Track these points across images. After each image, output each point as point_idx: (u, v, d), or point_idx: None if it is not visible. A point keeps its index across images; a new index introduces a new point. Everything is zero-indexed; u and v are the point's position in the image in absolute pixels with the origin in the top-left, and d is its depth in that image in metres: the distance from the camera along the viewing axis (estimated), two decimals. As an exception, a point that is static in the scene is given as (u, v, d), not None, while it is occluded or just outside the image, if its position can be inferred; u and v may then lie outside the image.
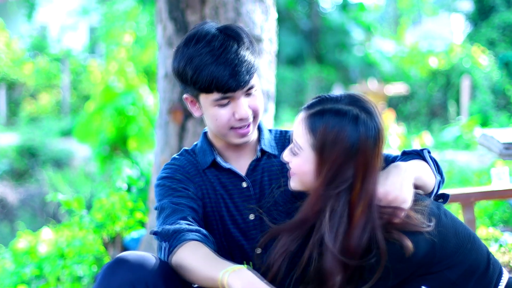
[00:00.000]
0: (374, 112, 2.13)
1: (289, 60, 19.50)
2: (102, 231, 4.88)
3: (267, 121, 4.15)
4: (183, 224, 2.24)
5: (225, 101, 2.29)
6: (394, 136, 9.10)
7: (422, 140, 9.69)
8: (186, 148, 2.54)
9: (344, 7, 21.20)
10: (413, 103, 17.04)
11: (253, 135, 2.40)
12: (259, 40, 4.05)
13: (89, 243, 4.88)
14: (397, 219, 2.09)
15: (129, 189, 5.18)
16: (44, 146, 13.85)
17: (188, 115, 4.12)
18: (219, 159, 2.42)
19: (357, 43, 20.50)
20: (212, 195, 2.42)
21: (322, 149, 2.10)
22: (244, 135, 2.35)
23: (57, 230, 5.66)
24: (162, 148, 4.27)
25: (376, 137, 2.10)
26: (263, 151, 2.46)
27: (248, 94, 2.33)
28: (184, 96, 2.39)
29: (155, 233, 2.26)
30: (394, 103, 16.13)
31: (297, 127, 2.18)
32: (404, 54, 19.47)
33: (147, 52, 15.82)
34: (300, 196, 2.37)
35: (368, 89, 13.93)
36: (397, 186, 2.12)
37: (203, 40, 2.29)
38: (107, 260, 4.84)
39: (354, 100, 2.14)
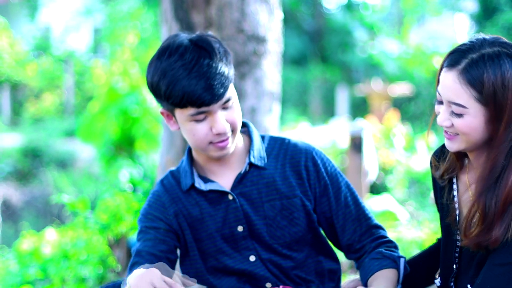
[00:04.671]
0: None
1: (293, 60, 19.50)
2: (107, 232, 4.86)
3: (273, 122, 4.12)
4: None
5: (201, 116, 2.25)
6: (399, 136, 9.09)
7: (427, 140, 9.66)
8: (172, 169, 2.50)
9: (348, 7, 21.19)
10: (417, 103, 17.02)
11: (232, 148, 2.35)
12: (264, 40, 4.03)
13: (94, 244, 4.87)
14: None
15: (134, 190, 5.17)
16: (48, 147, 13.86)
17: (193, 115, 4.10)
18: (197, 184, 2.39)
19: (361, 43, 20.49)
20: (197, 214, 2.40)
21: (494, 97, 2.05)
22: (223, 147, 2.31)
23: (62, 231, 5.65)
24: (167, 148, 4.25)
25: None
26: (251, 164, 2.40)
27: (224, 107, 2.27)
28: (160, 110, 2.35)
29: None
30: (398, 103, 16.11)
31: (452, 87, 2.09)
32: (408, 55, 19.46)
33: (151, 52, 15.80)
34: (290, 211, 2.38)
35: (372, 89, 13.91)
36: None
37: (175, 53, 2.24)
38: (112, 261, 4.83)
39: (494, 42, 2.11)
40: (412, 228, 6.58)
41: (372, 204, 6.70)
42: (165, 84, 2.23)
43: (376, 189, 8.21)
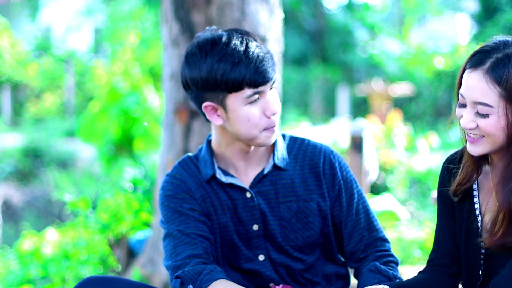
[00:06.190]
0: None
1: (293, 60, 19.49)
2: (107, 232, 4.86)
3: (273, 122, 4.13)
4: (200, 263, 2.26)
5: (256, 97, 2.26)
6: (400, 136, 9.08)
7: (428, 140, 9.66)
8: (190, 154, 2.48)
9: (349, 7, 21.18)
10: (418, 103, 17.01)
11: (275, 136, 2.37)
12: (264, 40, 4.03)
13: (95, 244, 4.86)
14: None
15: (134, 190, 5.18)
16: (48, 147, 13.85)
17: (193, 115, 4.10)
18: (218, 175, 2.37)
19: (362, 43, 20.48)
20: (218, 205, 2.39)
21: None
22: (273, 133, 2.33)
23: (62, 231, 5.65)
24: (167, 148, 4.25)
25: None
26: (274, 165, 2.40)
27: (271, 89, 2.31)
28: (204, 105, 2.31)
29: (177, 277, 2.27)
30: (399, 103, 16.10)
31: (478, 87, 2.08)
32: (409, 54, 19.46)
33: (152, 52, 15.81)
34: (306, 214, 2.38)
35: (373, 89, 13.90)
36: None
37: (219, 42, 2.26)
38: (112, 261, 4.83)
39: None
40: (413, 228, 6.58)
41: (373, 204, 6.69)
42: (221, 70, 2.24)
43: (376, 189, 8.20)
